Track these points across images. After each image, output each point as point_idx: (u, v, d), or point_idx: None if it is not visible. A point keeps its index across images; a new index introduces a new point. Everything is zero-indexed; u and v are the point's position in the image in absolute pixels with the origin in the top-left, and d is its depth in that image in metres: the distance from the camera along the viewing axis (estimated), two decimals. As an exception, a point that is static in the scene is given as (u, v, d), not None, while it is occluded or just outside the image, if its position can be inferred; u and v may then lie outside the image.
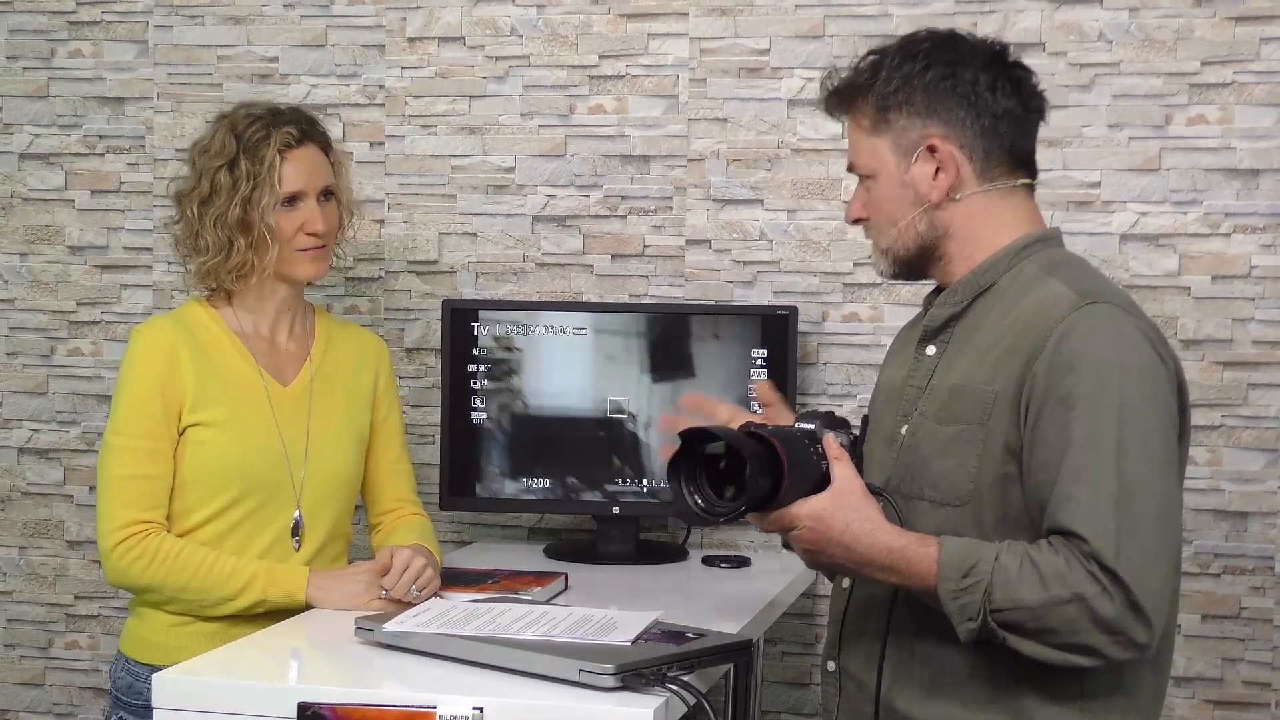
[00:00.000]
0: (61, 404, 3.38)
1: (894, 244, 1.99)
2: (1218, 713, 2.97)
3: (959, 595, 1.79)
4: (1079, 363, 1.81)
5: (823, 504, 1.85)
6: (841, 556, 1.87)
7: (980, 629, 1.78)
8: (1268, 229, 2.92)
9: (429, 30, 3.22)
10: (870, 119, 1.97)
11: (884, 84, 1.95)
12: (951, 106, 1.94)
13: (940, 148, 1.94)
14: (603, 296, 3.16)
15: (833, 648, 2.06)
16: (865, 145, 1.99)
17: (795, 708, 3.15)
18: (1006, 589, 1.77)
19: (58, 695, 3.41)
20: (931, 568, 1.80)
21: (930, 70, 1.94)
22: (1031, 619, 1.76)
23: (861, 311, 3.08)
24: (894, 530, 1.85)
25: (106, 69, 3.34)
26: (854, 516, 1.85)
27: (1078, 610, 1.75)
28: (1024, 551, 1.78)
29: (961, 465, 1.89)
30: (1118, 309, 1.86)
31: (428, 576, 2.40)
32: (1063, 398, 1.81)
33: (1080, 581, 1.75)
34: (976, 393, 1.90)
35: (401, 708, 1.88)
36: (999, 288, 1.95)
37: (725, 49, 3.11)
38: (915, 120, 1.95)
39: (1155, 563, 1.77)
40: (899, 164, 1.96)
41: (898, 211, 1.98)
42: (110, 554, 2.43)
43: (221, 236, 2.49)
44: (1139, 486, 1.78)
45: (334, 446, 2.58)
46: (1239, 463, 2.94)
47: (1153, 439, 1.81)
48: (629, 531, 3.02)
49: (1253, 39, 2.91)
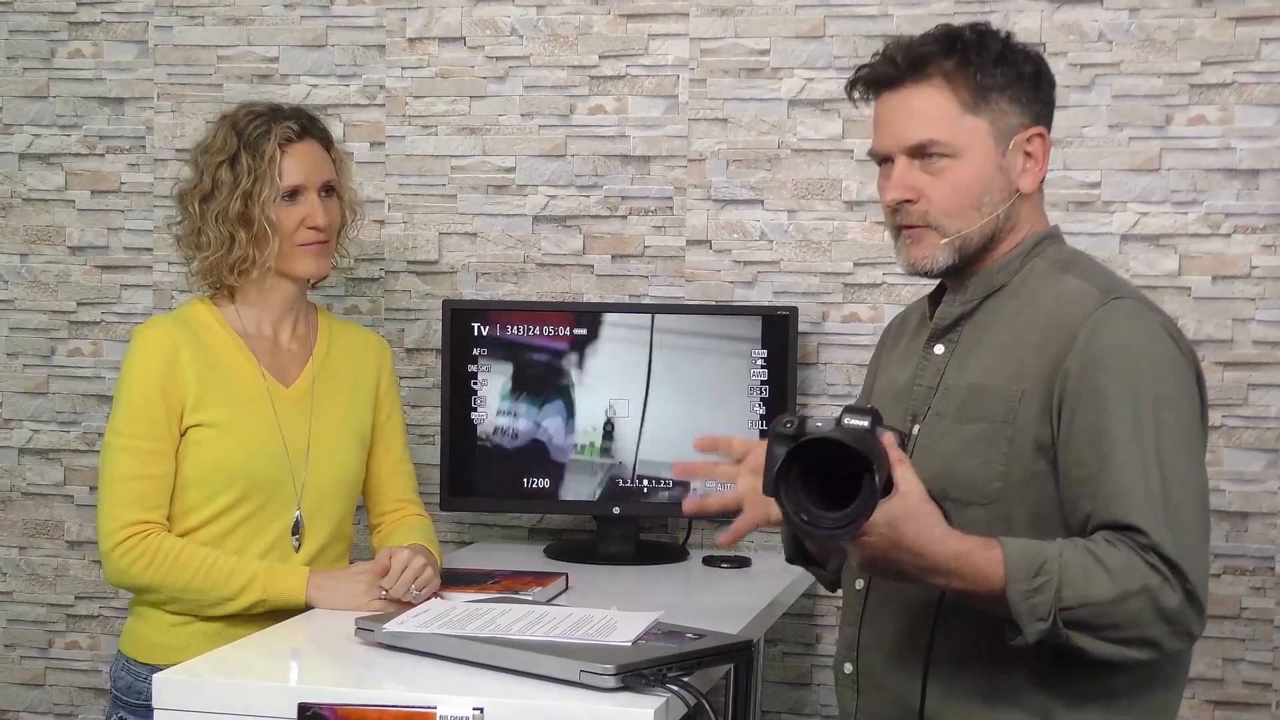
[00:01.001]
0: (62, 404, 3.38)
1: (970, 231, 1.93)
2: (1218, 713, 2.97)
3: (1030, 595, 1.74)
4: (1111, 358, 1.82)
5: (896, 511, 1.72)
6: (909, 563, 1.76)
7: (1050, 629, 1.75)
8: (1268, 229, 2.92)
9: (429, 30, 3.22)
10: (971, 93, 1.91)
11: (994, 63, 1.91)
12: (1040, 103, 1.95)
13: (1046, 140, 1.95)
14: (603, 297, 3.16)
15: (850, 650, 2.02)
16: (957, 120, 1.91)
17: (796, 708, 3.15)
18: (1075, 586, 1.74)
19: (58, 695, 3.41)
20: (998, 570, 1.75)
21: (1027, 63, 1.95)
22: (1100, 615, 1.75)
23: (862, 312, 3.08)
24: (958, 536, 1.77)
25: (107, 69, 3.34)
26: (924, 523, 1.74)
27: (1144, 603, 1.74)
28: (1086, 548, 1.76)
29: (987, 464, 1.89)
30: (1140, 304, 1.89)
31: (427, 576, 2.40)
32: (1097, 393, 1.81)
33: (1146, 574, 1.75)
34: (999, 391, 1.89)
35: (402, 708, 1.88)
36: (1011, 287, 1.96)
37: (725, 49, 3.11)
38: (1015, 108, 1.93)
39: (1201, 553, 1.80)
40: (997, 147, 1.92)
41: (987, 196, 1.93)
42: (111, 554, 2.43)
43: (223, 232, 2.50)
44: (1178, 477, 1.80)
45: (336, 447, 2.58)
46: (1239, 463, 2.94)
47: (1184, 430, 1.83)
48: (629, 532, 3.02)
49: (1253, 39, 2.91)
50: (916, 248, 1.95)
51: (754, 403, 2.96)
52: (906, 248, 1.97)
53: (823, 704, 3.12)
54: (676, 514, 3.08)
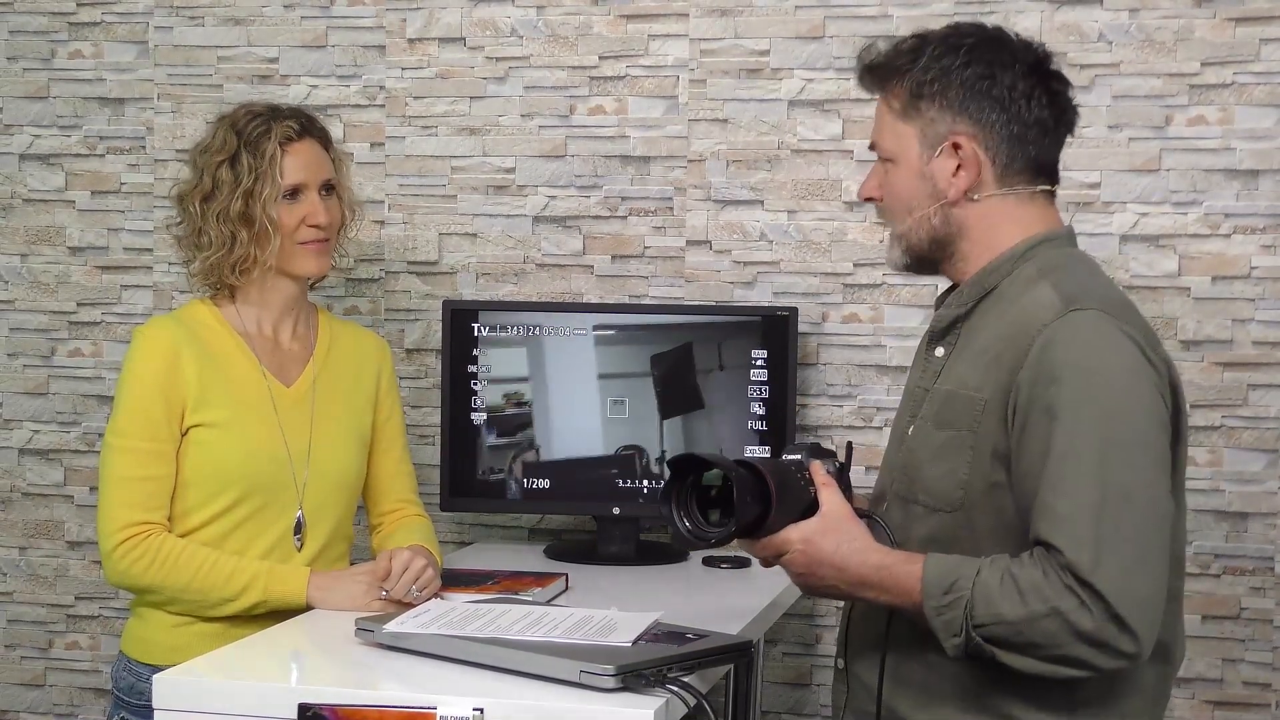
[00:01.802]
0: (62, 405, 3.38)
1: (907, 233, 1.98)
2: (1218, 713, 2.97)
3: (942, 611, 1.80)
4: (1061, 372, 1.80)
5: (812, 528, 1.91)
6: (833, 578, 1.91)
7: (965, 644, 1.80)
8: (1268, 230, 2.92)
9: (429, 31, 3.22)
10: (902, 103, 1.95)
11: (922, 71, 1.93)
12: (985, 107, 1.93)
13: (965, 146, 1.93)
14: (603, 297, 3.16)
15: (842, 646, 2.07)
16: (892, 128, 1.97)
17: (796, 708, 3.15)
18: (988, 604, 1.78)
19: (58, 696, 3.41)
20: (916, 585, 1.82)
21: (970, 67, 1.92)
22: (1014, 633, 1.77)
23: (862, 312, 3.08)
24: (882, 550, 1.89)
25: (107, 70, 3.34)
26: (843, 539, 1.89)
27: (1056, 624, 1.75)
28: (1005, 566, 1.79)
29: (953, 472, 1.90)
30: (1102, 315, 1.84)
31: (428, 577, 2.40)
32: (1046, 408, 1.80)
33: (1058, 595, 1.75)
34: (967, 399, 1.90)
35: (402, 708, 1.88)
36: (1000, 290, 1.95)
37: (725, 50, 3.11)
38: (946, 114, 1.93)
39: (1140, 572, 1.76)
40: (922, 154, 1.95)
41: (913, 201, 1.97)
42: (111, 555, 2.43)
43: (224, 231, 2.50)
44: (1123, 495, 1.77)
45: (336, 447, 2.58)
46: (1239, 463, 2.94)
47: (1137, 446, 1.79)
48: (629, 532, 3.02)
49: (1253, 40, 2.91)
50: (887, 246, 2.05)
51: (754, 403, 2.96)
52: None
53: (823, 704, 3.12)
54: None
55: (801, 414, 3.06)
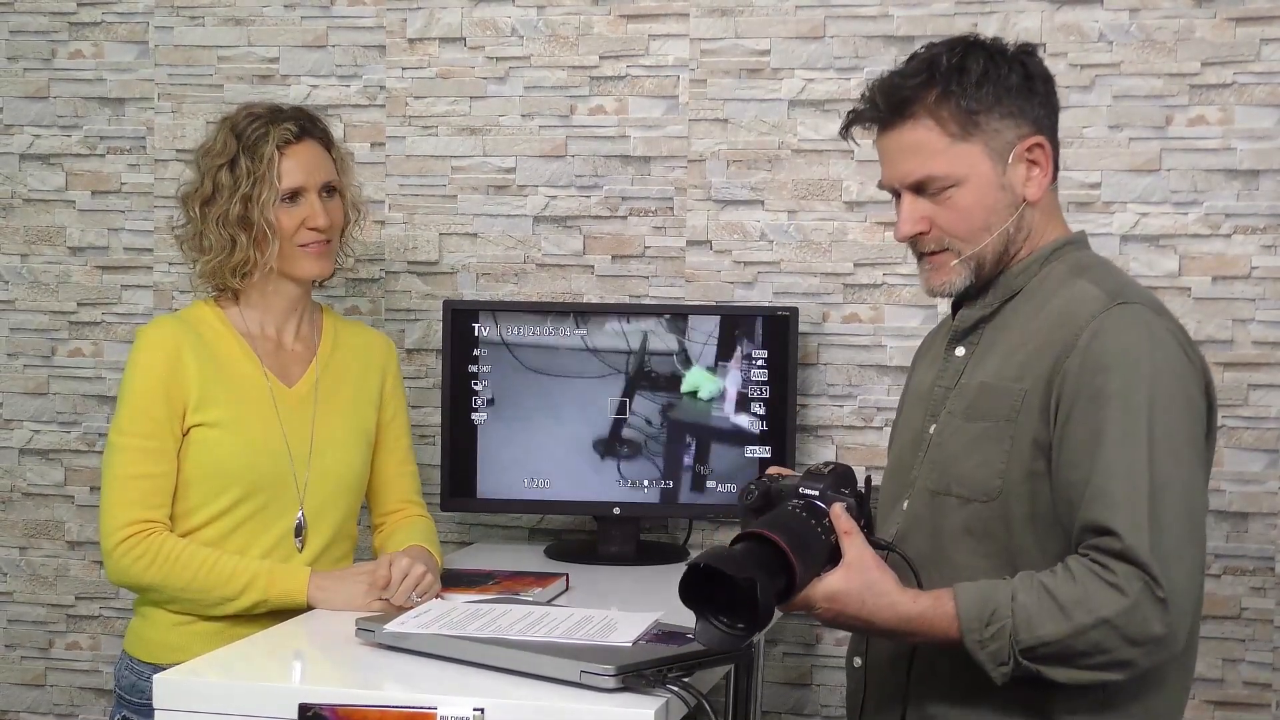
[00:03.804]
0: (62, 405, 3.38)
1: (983, 250, 1.96)
2: (1218, 713, 2.97)
3: (986, 644, 1.80)
4: (1110, 361, 1.83)
5: (837, 585, 1.84)
6: (861, 628, 1.90)
7: (1014, 670, 1.80)
8: (1268, 230, 2.92)
9: (429, 31, 3.22)
10: (958, 123, 1.93)
11: (975, 87, 1.92)
12: (1034, 107, 1.96)
13: (1046, 146, 1.96)
14: (603, 297, 3.16)
15: (859, 644, 2.07)
16: (949, 152, 1.93)
17: (796, 708, 3.15)
18: (1030, 628, 1.78)
19: (58, 696, 3.41)
20: (953, 624, 1.81)
21: (1011, 73, 1.94)
22: (1062, 650, 1.78)
23: (862, 312, 3.08)
24: (910, 596, 1.85)
25: (107, 70, 3.34)
26: (869, 593, 1.84)
27: (1104, 632, 1.76)
28: (1040, 584, 1.79)
29: (988, 462, 1.91)
30: (1147, 309, 1.89)
31: (427, 583, 2.40)
32: (1094, 395, 1.83)
33: (1101, 603, 1.76)
34: (1005, 390, 1.91)
35: (402, 708, 1.88)
36: (1029, 290, 1.98)
37: (726, 50, 3.11)
38: (1009, 121, 1.94)
39: (1182, 559, 1.79)
40: (995, 167, 1.95)
41: (993, 217, 1.96)
42: (112, 553, 2.43)
43: (224, 235, 2.50)
44: (1168, 483, 1.80)
45: (339, 447, 2.58)
46: (1239, 463, 2.94)
47: (1180, 437, 1.83)
48: (629, 532, 3.02)
49: (1253, 40, 2.91)
50: (936, 275, 2.00)
51: (754, 403, 2.96)
52: (927, 274, 2.02)
53: (823, 704, 3.12)
54: (677, 514, 3.08)
55: (802, 414, 3.06)
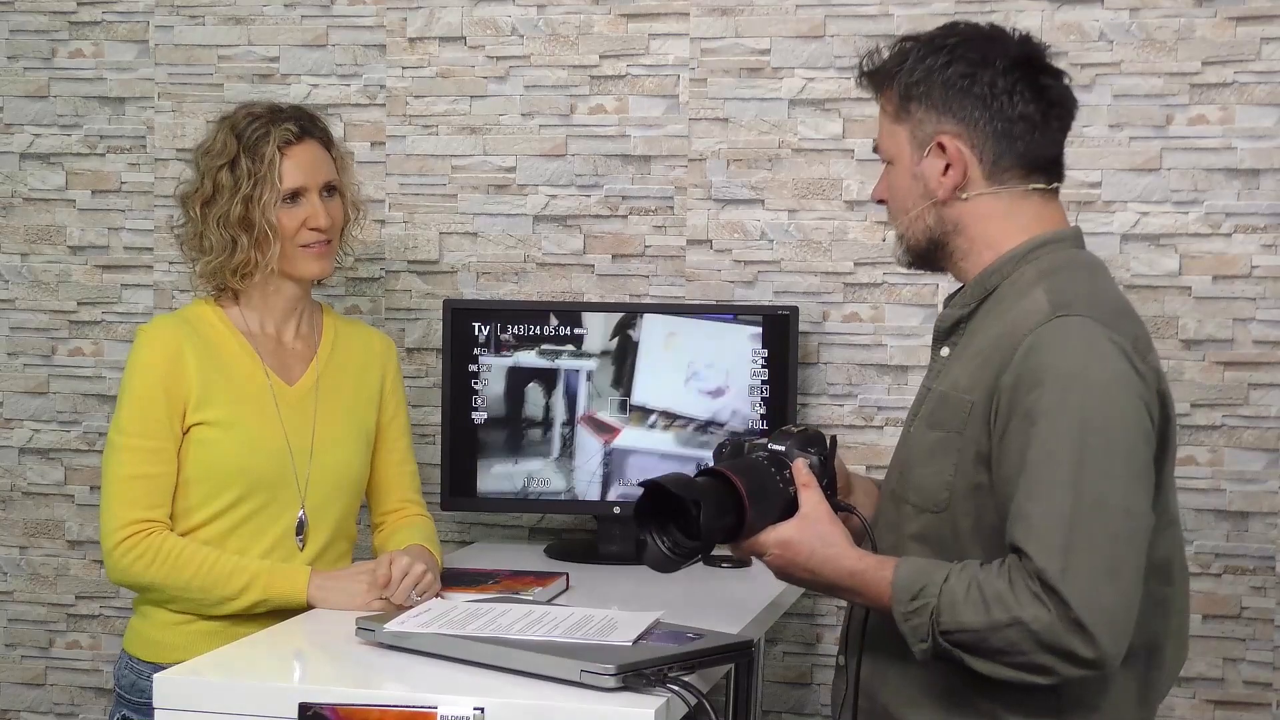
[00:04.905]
0: (62, 404, 3.38)
1: (906, 232, 2.02)
2: (1218, 713, 2.97)
3: (909, 617, 1.82)
4: (1042, 377, 1.80)
5: (789, 532, 1.94)
6: (808, 579, 1.96)
7: (933, 649, 1.81)
8: (1269, 229, 2.92)
9: (430, 30, 3.22)
10: (894, 106, 1.99)
11: (908, 74, 1.96)
12: (967, 106, 1.94)
13: (949, 145, 1.94)
14: (603, 296, 3.16)
15: (843, 643, 2.08)
16: (888, 130, 2.01)
17: (796, 708, 3.15)
18: (952, 612, 1.79)
19: (59, 695, 3.41)
20: (886, 590, 1.85)
21: (952, 66, 1.94)
22: (978, 640, 1.78)
23: (862, 311, 3.08)
24: (856, 554, 1.91)
25: (107, 69, 3.34)
26: (818, 543, 1.92)
27: (1018, 633, 1.75)
28: (974, 574, 1.80)
29: (940, 472, 1.91)
30: (1090, 321, 1.83)
31: (427, 582, 2.40)
32: (1026, 413, 1.80)
33: (1021, 605, 1.75)
34: (957, 401, 1.91)
35: (402, 708, 1.88)
36: (1000, 292, 1.95)
37: (726, 49, 3.11)
38: (932, 114, 1.95)
39: (1108, 582, 1.75)
40: (913, 155, 1.98)
41: (908, 201, 2.00)
42: (112, 553, 2.43)
43: (225, 236, 2.50)
44: (1096, 504, 1.76)
45: (339, 445, 2.58)
46: (1240, 463, 2.94)
47: (1115, 456, 1.79)
48: (630, 531, 2.99)
49: (1253, 39, 2.91)
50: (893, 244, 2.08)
51: (755, 402, 2.96)
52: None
53: (823, 704, 3.12)
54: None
55: (802, 413, 3.06)
